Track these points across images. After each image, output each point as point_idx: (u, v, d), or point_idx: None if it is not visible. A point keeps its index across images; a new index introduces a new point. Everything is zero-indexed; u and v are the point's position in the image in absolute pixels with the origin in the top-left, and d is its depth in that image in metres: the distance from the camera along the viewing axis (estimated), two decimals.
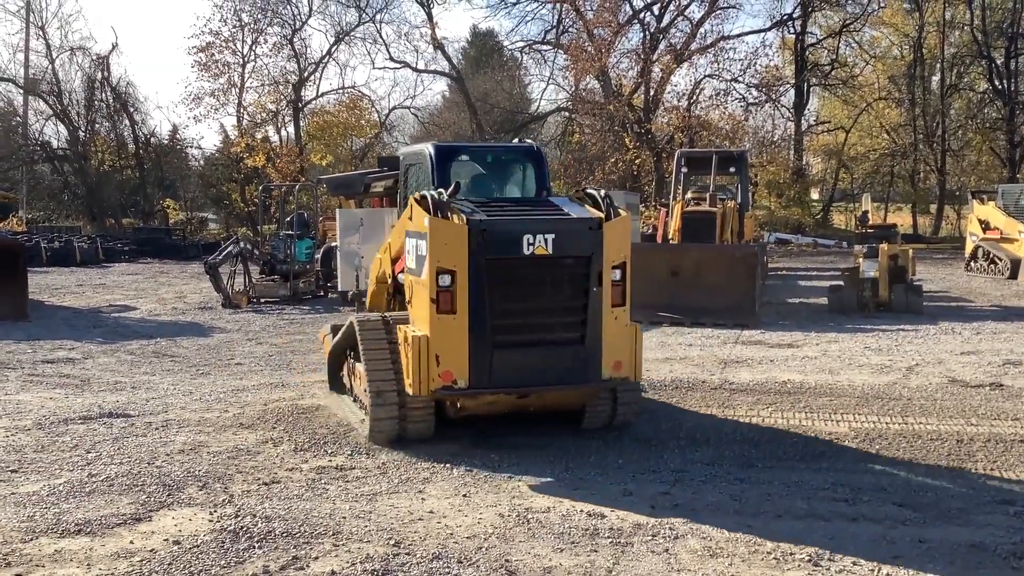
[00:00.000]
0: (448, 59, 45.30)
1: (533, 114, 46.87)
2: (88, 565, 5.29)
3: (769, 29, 41.70)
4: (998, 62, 41.87)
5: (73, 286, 23.25)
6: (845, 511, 6.08)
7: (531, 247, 6.98)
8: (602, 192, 7.67)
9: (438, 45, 44.18)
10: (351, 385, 8.96)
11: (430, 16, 43.65)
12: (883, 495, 6.40)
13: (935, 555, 5.33)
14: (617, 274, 7.22)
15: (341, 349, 9.25)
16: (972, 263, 25.36)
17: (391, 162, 25.93)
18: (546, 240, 6.99)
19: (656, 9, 39.69)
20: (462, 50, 52.76)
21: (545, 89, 48.68)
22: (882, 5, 42.43)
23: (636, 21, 39.44)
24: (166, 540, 5.64)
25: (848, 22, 42.47)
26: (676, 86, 40.24)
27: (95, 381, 11.06)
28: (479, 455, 7.44)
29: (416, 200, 7.31)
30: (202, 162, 50.45)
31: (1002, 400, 9.34)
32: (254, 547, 5.50)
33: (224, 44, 43.00)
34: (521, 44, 45.77)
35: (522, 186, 8.77)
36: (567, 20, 41.50)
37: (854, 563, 5.22)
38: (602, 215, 7.30)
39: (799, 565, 5.20)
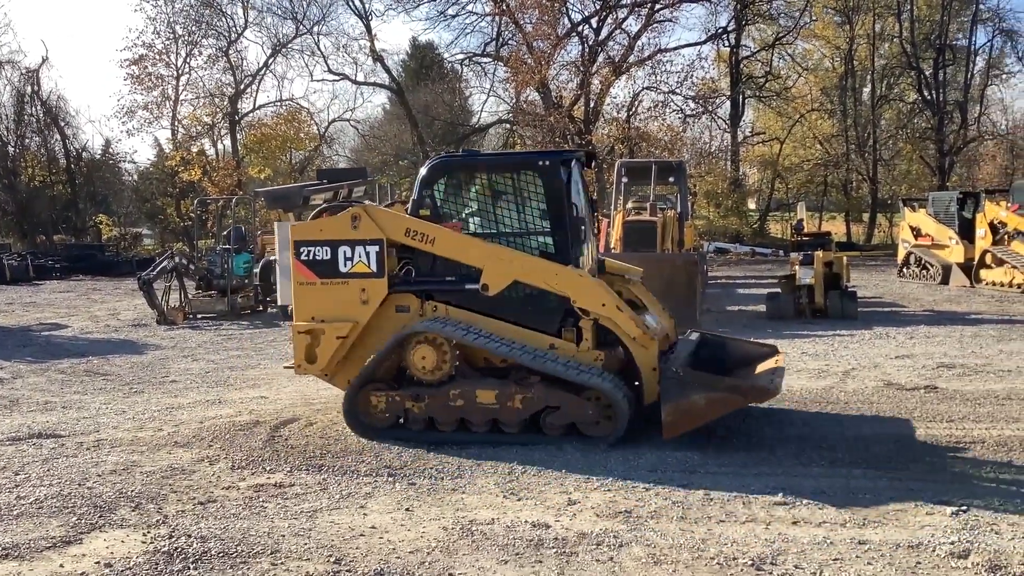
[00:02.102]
0: (388, 71, 45.18)
1: (474, 126, 46.89)
2: None
3: (704, 42, 42.30)
4: (927, 73, 43.04)
5: (2, 304, 22.62)
6: (786, 515, 6.11)
7: None
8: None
9: (377, 57, 44.00)
10: None
11: (368, 28, 43.51)
12: (823, 498, 6.45)
13: (875, 556, 5.37)
14: None
15: None
16: (904, 269, 25.91)
17: (331, 175, 25.76)
18: None
19: (594, 22, 39.95)
20: (402, 62, 52.55)
21: (486, 101, 48.91)
22: (813, 19, 43.38)
23: (575, 34, 39.67)
24: (97, 563, 5.46)
25: (781, 35, 43.31)
26: (615, 98, 40.66)
27: (24, 401, 10.73)
28: (422, 468, 7.35)
29: None
30: (136, 176, 49.64)
31: (937, 402, 9.51)
32: (189, 568, 5.35)
33: (157, 57, 42.39)
34: (461, 56, 45.82)
35: None
36: (506, 33, 41.69)
37: (796, 566, 5.24)
38: None
39: (742, 569, 5.21)
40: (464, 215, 8.78)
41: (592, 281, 8.30)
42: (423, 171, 8.78)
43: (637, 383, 8.26)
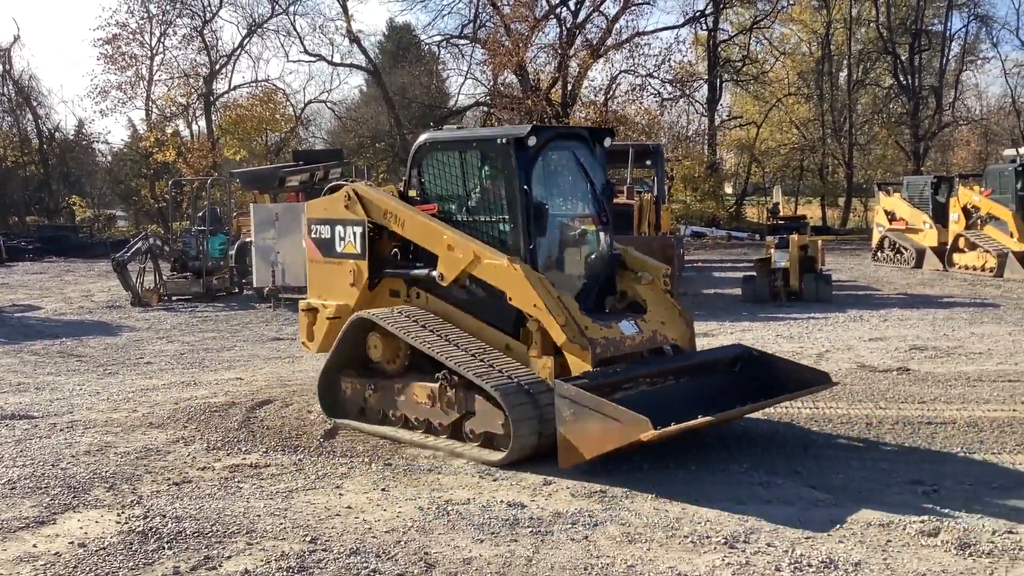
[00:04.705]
0: (364, 53, 44.78)
1: (451, 108, 46.66)
2: None
3: (682, 25, 42.34)
4: (902, 58, 43.27)
5: None
6: (760, 494, 6.17)
7: None
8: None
9: (354, 38, 43.62)
10: None
11: (345, 9, 43.07)
12: (797, 478, 6.52)
13: (847, 534, 5.43)
14: None
15: None
16: (879, 253, 26.11)
17: (307, 156, 25.51)
18: None
19: (572, 4, 39.89)
20: (379, 44, 52.10)
21: (463, 83, 48.33)
22: (791, 2, 43.42)
23: (552, 16, 39.55)
24: (71, 543, 5.44)
25: (759, 19, 43.35)
26: (593, 81, 40.59)
27: None
28: (398, 449, 7.36)
29: None
30: (110, 157, 49.15)
31: (909, 384, 9.61)
32: (163, 548, 5.33)
33: (131, 36, 41.87)
34: (438, 38, 45.52)
35: None
36: (484, 14, 41.43)
37: (769, 544, 5.29)
38: None
39: (715, 548, 5.26)
40: (443, 197, 8.13)
41: (525, 276, 7.21)
42: (412, 150, 8.36)
43: None
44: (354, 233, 8.21)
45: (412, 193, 8.18)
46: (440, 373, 7.32)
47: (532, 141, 7.51)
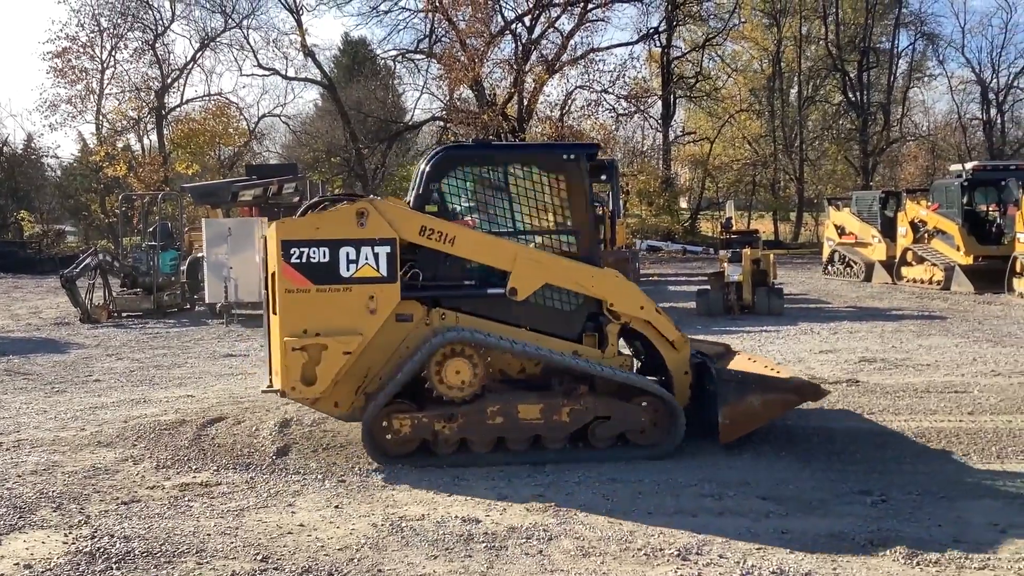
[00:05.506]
0: (319, 67, 44.64)
1: (407, 123, 46.66)
2: None
3: (636, 42, 42.80)
4: (851, 75, 44.15)
5: None
6: (712, 506, 6.23)
7: None
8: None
9: (308, 52, 43.46)
10: None
11: (299, 23, 42.95)
12: (747, 489, 6.58)
13: (797, 545, 5.50)
14: None
15: None
16: (829, 267, 26.53)
17: (261, 171, 25.33)
18: None
19: (527, 20, 40.13)
20: (334, 58, 52.06)
21: (419, 98, 48.78)
22: (742, 20, 44.15)
23: (508, 32, 39.77)
24: (16, 564, 5.33)
25: (711, 36, 43.99)
26: (548, 96, 40.89)
27: None
28: (353, 466, 7.31)
29: None
30: (59, 172, 48.42)
31: (858, 395, 9.75)
32: (112, 569, 5.24)
33: (81, 49, 41.37)
34: (394, 53, 45.57)
35: None
36: (440, 29, 41.55)
37: (720, 556, 5.34)
38: None
39: (668, 560, 5.29)
40: (477, 212, 7.95)
41: (629, 283, 7.79)
42: (428, 163, 7.90)
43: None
44: (376, 254, 7.34)
45: (431, 208, 7.72)
46: (563, 386, 7.47)
47: (598, 156, 8.08)
